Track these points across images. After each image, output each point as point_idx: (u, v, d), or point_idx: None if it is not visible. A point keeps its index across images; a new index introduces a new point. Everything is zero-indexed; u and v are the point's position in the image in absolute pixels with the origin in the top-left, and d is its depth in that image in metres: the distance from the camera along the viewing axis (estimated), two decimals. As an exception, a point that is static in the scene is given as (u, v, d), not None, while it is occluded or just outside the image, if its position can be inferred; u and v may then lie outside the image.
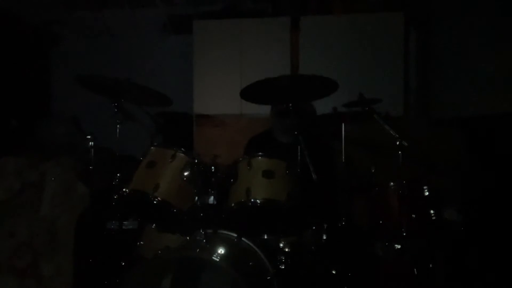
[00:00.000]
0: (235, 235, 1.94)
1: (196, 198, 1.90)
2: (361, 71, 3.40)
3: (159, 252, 1.82)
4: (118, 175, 2.05)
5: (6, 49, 3.67)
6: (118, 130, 2.18)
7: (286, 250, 1.98)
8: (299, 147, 2.01)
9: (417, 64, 3.60)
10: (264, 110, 2.88)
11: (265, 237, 2.01)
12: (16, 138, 3.56)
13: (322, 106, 2.35)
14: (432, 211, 2.15)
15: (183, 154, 1.92)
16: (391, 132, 2.13)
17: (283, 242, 1.99)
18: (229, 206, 1.86)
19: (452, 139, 3.09)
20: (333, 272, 2.07)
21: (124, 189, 1.90)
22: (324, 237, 2.05)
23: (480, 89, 2.99)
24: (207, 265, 1.80)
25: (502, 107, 2.81)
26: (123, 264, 2.06)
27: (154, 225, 2.04)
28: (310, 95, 2.17)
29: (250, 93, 2.06)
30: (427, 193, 2.17)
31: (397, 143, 2.09)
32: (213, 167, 1.94)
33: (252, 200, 1.81)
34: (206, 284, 1.82)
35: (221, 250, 1.79)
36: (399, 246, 2.09)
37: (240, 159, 1.93)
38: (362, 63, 3.43)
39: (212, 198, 1.95)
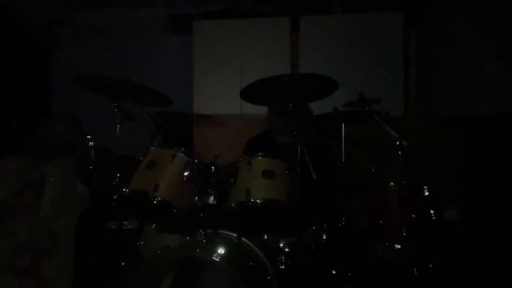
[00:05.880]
0: (235, 235, 1.94)
1: (196, 198, 1.89)
2: (361, 71, 3.40)
3: (159, 252, 1.82)
4: (118, 175, 2.05)
5: (6, 49, 3.67)
6: (118, 130, 2.18)
7: (286, 250, 1.98)
8: (299, 147, 2.01)
9: (417, 64, 3.60)
10: (264, 110, 2.88)
11: (265, 237, 2.00)
12: (16, 138, 3.55)
13: (322, 106, 2.35)
14: (432, 211, 2.15)
15: (183, 154, 1.92)
16: (391, 132, 2.13)
17: (283, 242, 1.99)
18: (229, 206, 1.86)
19: (452, 139, 3.09)
20: (333, 272, 2.07)
21: (124, 189, 1.90)
22: (324, 237, 2.05)
23: (480, 89, 2.99)
24: (207, 265, 1.80)
25: (502, 107, 2.81)
26: (123, 264, 2.07)
27: (154, 225, 2.04)
28: (310, 95, 2.17)
29: (250, 93, 2.06)
30: (427, 193, 2.17)
31: (397, 143, 2.09)
32: (213, 167, 1.94)
33: (252, 200, 1.81)
34: (206, 284, 1.82)
35: (221, 250, 1.79)
36: (399, 246, 2.09)
37: (240, 159, 1.93)
38: (362, 63, 3.43)
39: (212, 198, 1.95)
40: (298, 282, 1.98)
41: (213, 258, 1.72)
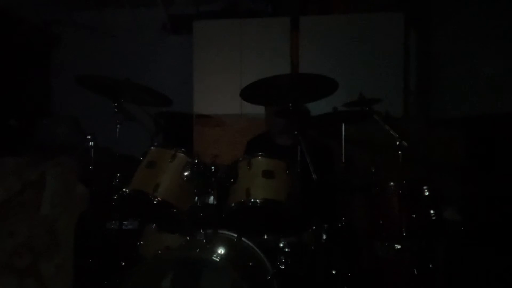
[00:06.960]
0: (235, 235, 1.94)
1: (196, 198, 1.89)
2: (361, 71, 3.40)
3: (159, 252, 1.82)
4: (118, 175, 2.05)
5: (6, 49, 3.67)
6: (118, 130, 2.18)
7: (286, 250, 1.98)
8: (299, 147, 2.01)
9: (417, 64, 3.60)
10: (264, 110, 2.88)
11: (265, 237, 2.00)
12: (16, 138, 3.56)
13: (322, 106, 2.35)
14: (432, 211, 2.15)
15: (183, 154, 1.92)
16: (391, 132, 2.13)
17: (283, 242, 1.99)
18: (229, 206, 1.86)
19: (452, 139, 3.09)
20: (333, 272, 2.07)
21: (124, 189, 1.89)
22: (324, 237, 2.05)
23: (480, 89, 2.99)
24: (207, 265, 1.80)
25: (502, 107, 2.81)
26: (123, 264, 2.07)
27: (154, 225, 2.04)
28: (310, 95, 2.17)
29: (250, 93, 2.06)
30: (427, 193, 2.17)
31: (397, 143, 2.09)
32: (213, 167, 1.94)
33: (252, 200, 1.81)
34: (206, 284, 1.82)
35: (221, 250, 1.79)
36: (399, 246, 2.09)
37: (240, 159, 1.93)
38: (362, 63, 3.43)
39: (212, 198, 1.95)
40: (298, 282, 1.98)
41: (213, 258, 1.72)
